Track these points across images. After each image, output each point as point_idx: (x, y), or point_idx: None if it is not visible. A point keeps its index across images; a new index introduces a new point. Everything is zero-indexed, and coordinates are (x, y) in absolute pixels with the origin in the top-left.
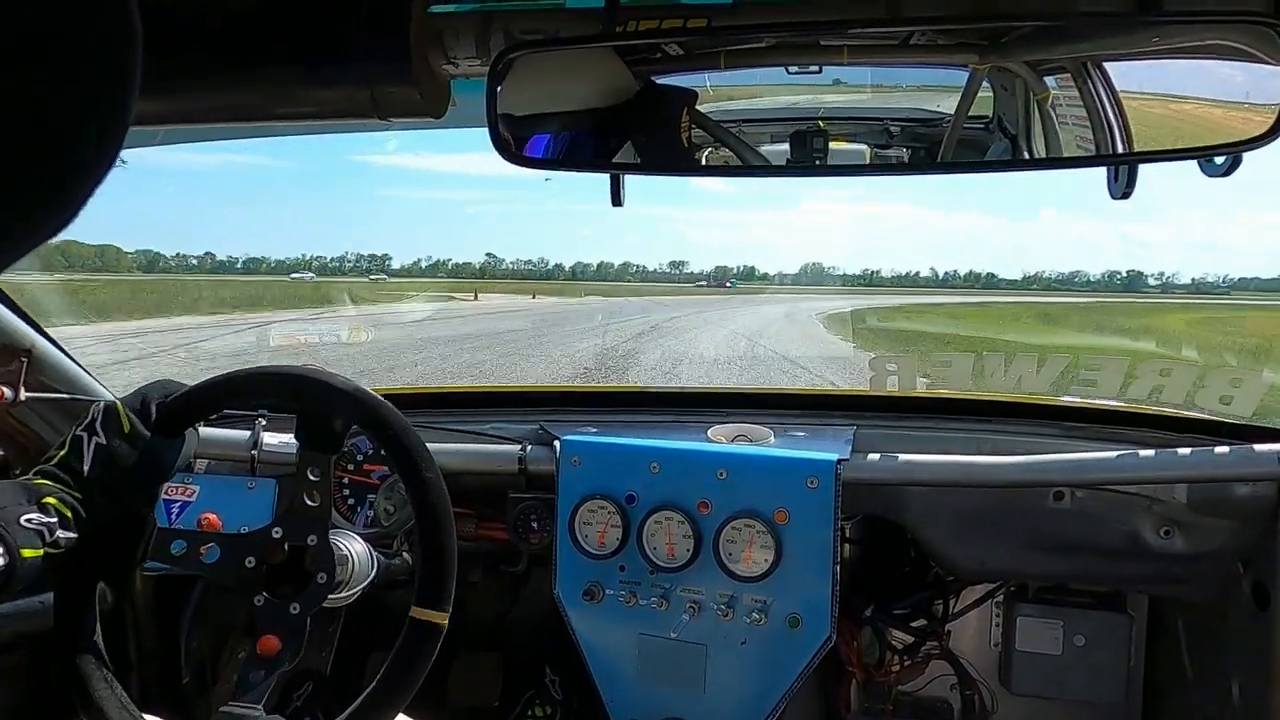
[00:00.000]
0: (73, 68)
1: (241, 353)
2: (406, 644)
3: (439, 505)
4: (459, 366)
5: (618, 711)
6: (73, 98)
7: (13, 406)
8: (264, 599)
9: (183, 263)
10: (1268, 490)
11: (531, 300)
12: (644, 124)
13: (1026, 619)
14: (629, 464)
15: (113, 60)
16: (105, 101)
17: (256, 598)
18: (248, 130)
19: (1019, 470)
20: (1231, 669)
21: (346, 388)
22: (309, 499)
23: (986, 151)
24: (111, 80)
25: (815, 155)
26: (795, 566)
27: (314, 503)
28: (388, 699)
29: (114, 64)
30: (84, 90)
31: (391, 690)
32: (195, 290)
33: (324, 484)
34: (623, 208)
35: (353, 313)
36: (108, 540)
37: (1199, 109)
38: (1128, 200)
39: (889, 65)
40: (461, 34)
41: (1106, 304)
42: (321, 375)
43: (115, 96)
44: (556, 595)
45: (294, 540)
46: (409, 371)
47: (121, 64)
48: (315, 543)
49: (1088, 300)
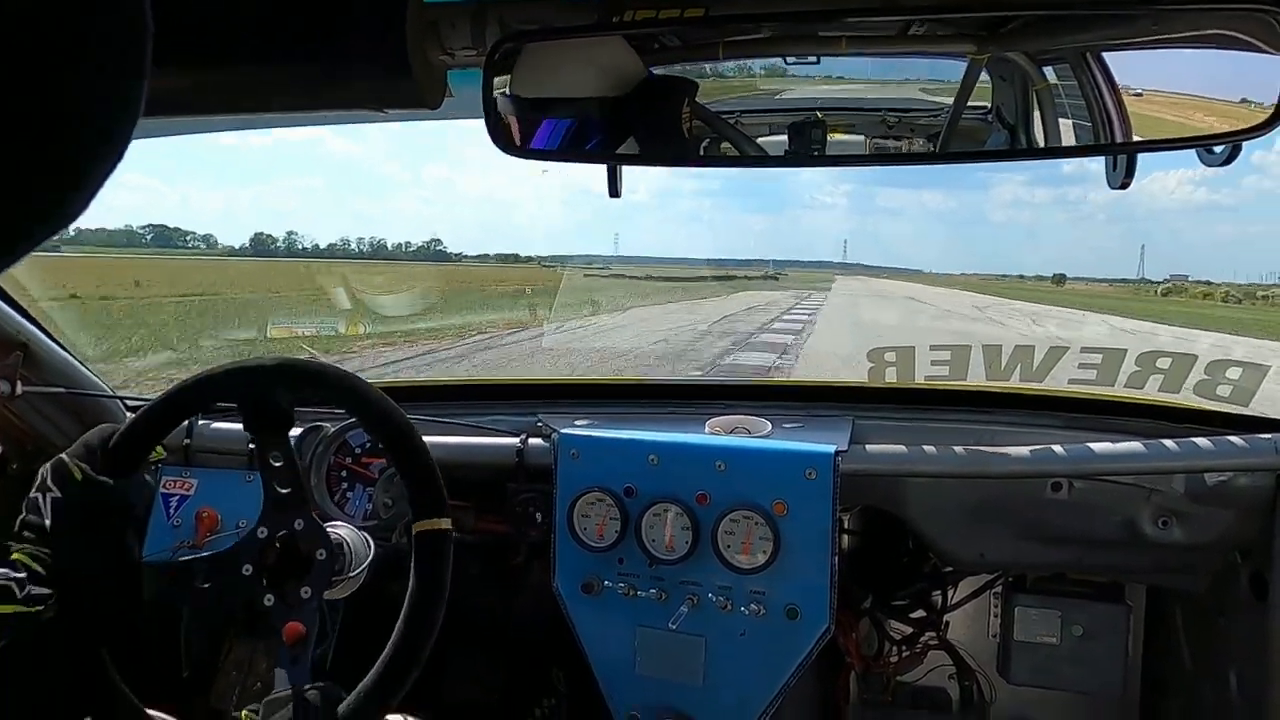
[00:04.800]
0: (85, 59)
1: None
2: (421, 559)
3: (401, 423)
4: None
5: (618, 703)
6: (85, 89)
7: (10, 401)
8: (273, 599)
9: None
10: (1266, 481)
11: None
12: (644, 114)
13: (1025, 609)
14: (627, 457)
15: (124, 51)
16: (117, 92)
17: (265, 598)
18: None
19: (1017, 461)
20: (1229, 659)
21: (275, 363)
22: (280, 486)
23: (985, 141)
24: (123, 71)
25: (813, 146)
26: (794, 558)
27: (286, 489)
28: (425, 613)
29: (125, 55)
30: (96, 81)
31: (424, 604)
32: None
33: (289, 467)
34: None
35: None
36: (94, 597)
37: (1198, 98)
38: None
39: (887, 55)
40: (457, 24)
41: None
42: (247, 362)
43: (126, 87)
44: (556, 588)
45: (280, 531)
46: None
47: (133, 55)
48: (302, 526)
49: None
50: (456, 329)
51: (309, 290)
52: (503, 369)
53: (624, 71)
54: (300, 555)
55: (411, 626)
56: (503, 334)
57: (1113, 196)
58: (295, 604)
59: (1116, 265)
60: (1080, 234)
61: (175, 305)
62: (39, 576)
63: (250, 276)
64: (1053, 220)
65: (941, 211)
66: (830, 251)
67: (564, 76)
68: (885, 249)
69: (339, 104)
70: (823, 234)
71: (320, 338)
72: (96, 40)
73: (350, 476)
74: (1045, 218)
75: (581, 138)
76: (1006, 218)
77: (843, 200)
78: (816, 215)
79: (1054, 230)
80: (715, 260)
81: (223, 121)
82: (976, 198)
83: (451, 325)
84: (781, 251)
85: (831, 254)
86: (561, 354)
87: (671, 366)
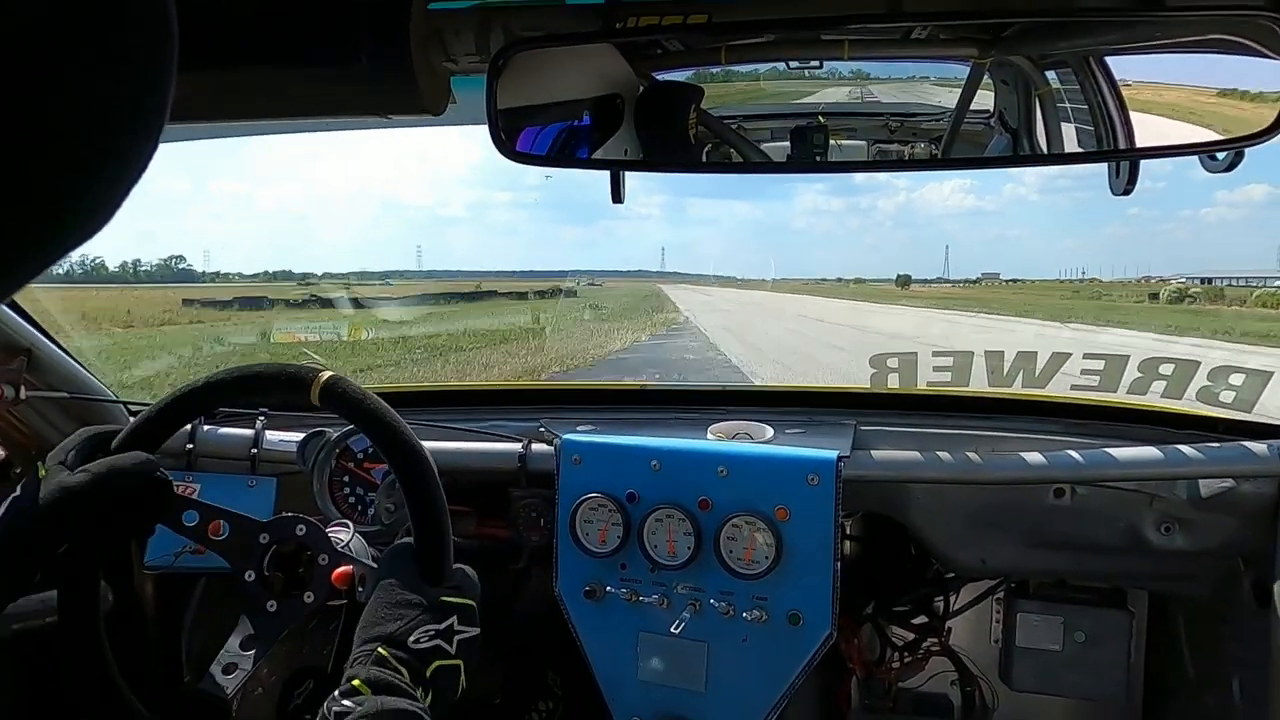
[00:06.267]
0: (112, 67)
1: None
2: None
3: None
4: None
5: (620, 709)
6: (112, 98)
7: (14, 405)
8: (275, 605)
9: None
10: (1268, 487)
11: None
12: (651, 120)
13: (1027, 615)
14: (629, 462)
15: (151, 60)
16: (144, 100)
17: (269, 604)
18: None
19: (1019, 467)
20: (1232, 665)
21: (277, 370)
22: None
23: (987, 147)
24: (149, 80)
25: (816, 151)
26: (796, 563)
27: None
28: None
29: (152, 64)
30: (123, 89)
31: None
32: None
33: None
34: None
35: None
36: (115, 503)
37: (1201, 104)
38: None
39: (890, 60)
40: (461, 31)
41: None
42: (251, 368)
43: (153, 96)
44: (558, 594)
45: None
46: None
47: (158, 64)
48: (305, 530)
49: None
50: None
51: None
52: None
53: (627, 78)
54: (303, 560)
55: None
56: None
57: (898, 203)
58: (290, 609)
59: (908, 266)
60: (873, 239)
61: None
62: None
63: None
64: (847, 227)
65: (749, 220)
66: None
67: (567, 83)
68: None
69: (342, 111)
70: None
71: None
72: (121, 51)
73: (352, 481)
74: (840, 225)
75: (584, 144)
76: (806, 225)
77: (656, 210)
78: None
79: (848, 236)
80: (522, 272)
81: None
82: (780, 207)
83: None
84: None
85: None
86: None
87: None
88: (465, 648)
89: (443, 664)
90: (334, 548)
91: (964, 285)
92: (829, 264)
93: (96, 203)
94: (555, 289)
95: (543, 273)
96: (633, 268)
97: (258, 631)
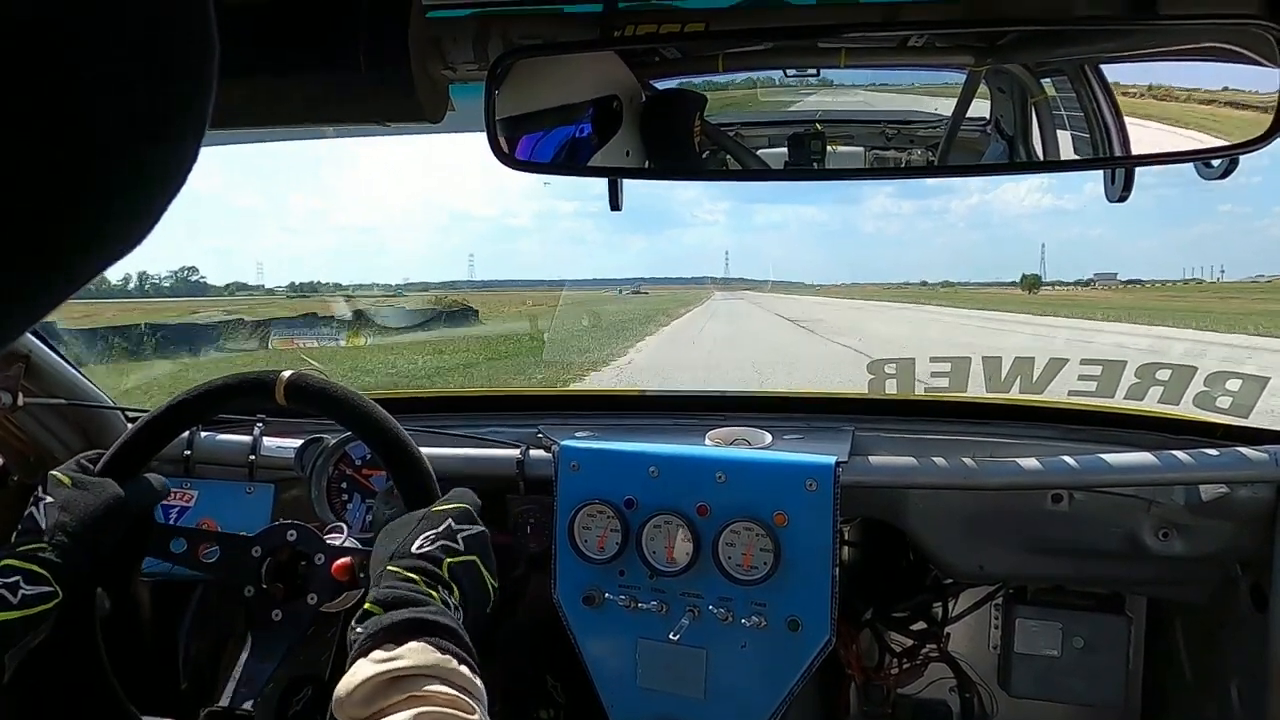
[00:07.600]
0: (162, 78)
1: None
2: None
3: (387, 425)
4: None
5: (619, 715)
6: (150, 109)
7: (11, 413)
8: (280, 613)
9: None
10: (1266, 492)
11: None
12: (654, 128)
13: (1025, 621)
14: (627, 468)
15: (192, 70)
16: (186, 111)
17: (274, 612)
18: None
19: (1017, 473)
20: (1230, 671)
21: (276, 375)
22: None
23: (983, 154)
24: (191, 90)
25: (813, 158)
26: (795, 569)
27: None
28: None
29: (193, 74)
30: (161, 100)
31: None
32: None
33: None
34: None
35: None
36: (105, 536)
37: (1196, 112)
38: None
39: (886, 68)
40: (460, 39)
41: None
42: (250, 375)
43: (195, 106)
44: (557, 601)
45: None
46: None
47: (200, 75)
48: (302, 537)
49: None
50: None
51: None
52: None
53: (626, 85)
54: (301, 566)
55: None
56: None
57: (970, 205)
58: (296, 614)
59: (986, 269)
60: (946, 240)
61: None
62: (35, 575)
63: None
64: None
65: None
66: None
67: (566, 91)
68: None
69: (340, 119)
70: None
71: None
72: (167, 60)
73: (351, 487)
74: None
75: (583, 152)
76: (876, 229)
77: (721, 217)
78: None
79: (922, 238)
80: (588, 280)
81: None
82: (849, 211)
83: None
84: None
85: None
86: None
87: None
88: (473, 542)
89: (454, 561)
90: (327, 545)
91: (1078, 287)
92: (903, 267)
93: (134, 217)
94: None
95: (598, 281)
96: (699, 274)
97: (268, 644)
